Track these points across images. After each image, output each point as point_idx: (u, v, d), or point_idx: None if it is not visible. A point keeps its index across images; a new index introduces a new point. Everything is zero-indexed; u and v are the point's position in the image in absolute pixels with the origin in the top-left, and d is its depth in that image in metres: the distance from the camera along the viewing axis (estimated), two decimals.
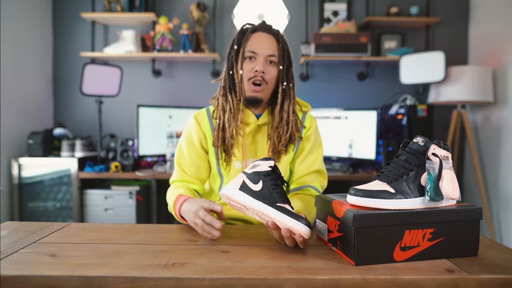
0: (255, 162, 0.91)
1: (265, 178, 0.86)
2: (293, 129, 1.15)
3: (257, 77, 1.09)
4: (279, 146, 1.14)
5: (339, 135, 2.68)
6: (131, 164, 2.60)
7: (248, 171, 0.89)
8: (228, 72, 1.15)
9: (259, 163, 0.89)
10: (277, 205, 0.81)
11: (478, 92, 2.50)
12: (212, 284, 0.66)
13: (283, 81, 1.13)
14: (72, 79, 2.99)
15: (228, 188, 0.87)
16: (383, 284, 0.66)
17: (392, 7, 2.86)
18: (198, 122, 1.19)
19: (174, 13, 2.99)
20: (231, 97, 1.14)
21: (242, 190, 0.85)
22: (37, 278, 0.66)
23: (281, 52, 1.12)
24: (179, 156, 1.19)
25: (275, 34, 1.13)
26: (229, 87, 1.15)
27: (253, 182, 0.86)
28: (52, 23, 3.00)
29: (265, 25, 1.14)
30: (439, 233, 0.75)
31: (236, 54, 1.13)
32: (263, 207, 0.82)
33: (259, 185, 0.85)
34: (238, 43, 1.13)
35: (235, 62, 1.13)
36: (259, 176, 0.86)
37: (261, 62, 1.10)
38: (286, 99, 1.15)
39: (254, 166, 0.89)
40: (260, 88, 1.11)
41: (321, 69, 3.05)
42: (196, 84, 3.04)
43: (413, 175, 0.76)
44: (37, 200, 2.57)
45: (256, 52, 1.10)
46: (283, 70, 1.13)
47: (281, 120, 1.14)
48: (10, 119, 2.53)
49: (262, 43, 1.10)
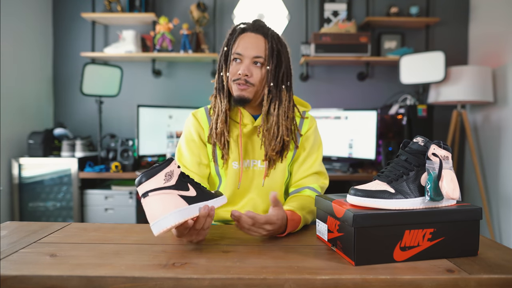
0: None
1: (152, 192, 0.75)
2: (285, 134, 1.11)
3: (240, 80, 1.08)
4: (270, 152, 1.11)
5: (339, 135, 2.68)
6: (131, 164, 2.60)
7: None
8: (219, 74, 1.14)
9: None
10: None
11: (478, 92, 2.50)
12: (212, 284, 0.66)
13: (269, 82, 1.09)
14: (72, 79, 3.00)
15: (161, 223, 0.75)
16: (383, 284, 0.66)
17: (392, 7, 2.86)
18: (197, 119, 1.19)
19: (174, 13, 2.99)
20: (219, 98, 1.14)
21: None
22: (37, 278, 0.66)
23: (269, 52, 1.09)
24: (180, 156, 1.19)
25: (264, 33, 1.10)
26: (219, 88, 1.14)
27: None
28: (52, 23, 3.00)
29: (255, 25, 1.12)
30: (439, 233, 0.75)
31: (225, 56, 1.13)
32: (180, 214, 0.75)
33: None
34: (227, 44, 1.12)
35: (224, 64, 1.13)
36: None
37: (246, 64, 1.08)
38: (274, 101, 1.11)
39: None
40: (245, 87, 1.08)
41: (321, 69, 3.05)
42: (196, 84, 3.04)
43: (413, 175, 0.76)
44: (37, 200, 2.57)
45: (242, 54, 1.08)
46: (270, 70, 1.09)
47: (267, 123, 1.11)
48: (10, 119, 2.53)
49: (248, 44, 1.08)
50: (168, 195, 0.75)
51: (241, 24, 1.14)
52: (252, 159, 1.17)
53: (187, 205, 0.76)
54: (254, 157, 1.17)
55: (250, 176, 1.16)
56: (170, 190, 0.75)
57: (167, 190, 0.74)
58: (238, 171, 1.15)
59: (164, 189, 0.74)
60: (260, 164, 1.16)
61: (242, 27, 1.12)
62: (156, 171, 0.74)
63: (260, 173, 1.16)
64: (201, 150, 1.17)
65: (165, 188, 0.74)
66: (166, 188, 0.74)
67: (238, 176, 1.15)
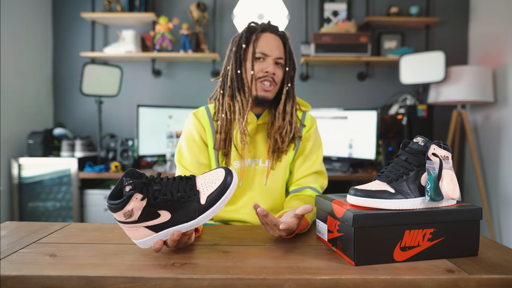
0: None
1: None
2: (296, 129, 1.16)
3: (267, 77, 1.10)
4: (283, 146, 1.15)
5: (339, 135, 2.68)
6: (131, 164, 2.60)
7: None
8: (235, 71, 1.12)
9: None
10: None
11: (478, 92, 2.50)
12: (212, 284, 0.65)
13: (287, 83, 1.14)
14: (72, 79, 2.99)
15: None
16: (383, 284, 0.66)
17: (392, 7, 2.86)
18: (198, 119, 1.19)
19: (174, 13, 2.99)
20: (240, 97, 1.12)
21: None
22: (37, 278, 0.66)
23: (288, 55, 1.14)
24: (180, 156, 1.18)
25: (281, 36, 1.14)
26: (238, 86, 1.12)
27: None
28: (52, 23, 3.00)
29: (272, 26, 1.15)
30: (439, 233, 0.75)
31: (244, 53, 1.12)
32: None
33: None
34: (246, 42, 1.12)
35: (243, 62, 1.12)
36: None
37: (271, 64, 1.10)
38: (289, 100, 1.15)
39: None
40: (271, 88, 1.11)
41: (321, 69, 3.05)
42: (196, 84, 3.04)
43: (413, 175, 0.76)
44: (37, 200, 2.57)
45: (267, 54, 1.10)
46: (289, 72, 1.14)
47: (283, 120, 1.14)
48: (10, 119, 2.53)
49: (272, 45, 1.11)
50: (133, 228, 0.74)
51: (253, 23, 1.15)
52: (253, 158, 1.17)
53: (154, 234, 0.75)
54: (255, 156, 1.17)
55: (252, 175, 1.16)
56: (134, 224, 0.73)
57: (131, 225, 0.73)
58: (239, 170, 1.15)
59: (128, 223, 0.73)
60: (261, 163, 1.16)
61: (262, 27, 1.13)
62: (116, 209, 0.70)
63: (261, 172, 1.16)
64: (201, 150, 1.17)
65: (128, 223, 0.73)
66: (129, 223, 0.73)
67: (240, 175, 1.15)
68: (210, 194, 0.76)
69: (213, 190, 0.76)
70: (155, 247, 0.74)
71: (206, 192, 0.76)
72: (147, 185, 0.72)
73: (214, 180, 0.77)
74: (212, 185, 0.77)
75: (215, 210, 0.76)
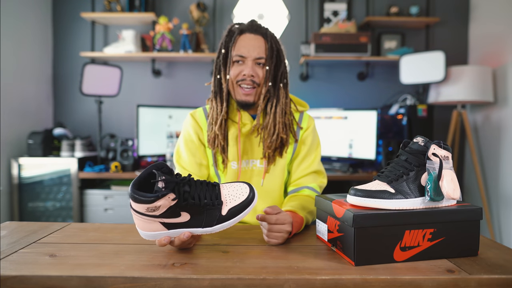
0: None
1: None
2: (281, 131, 1.12)
3: (246, 81, 1.08)
4: (266, 149, 1.12)
5: (339, 135, 2.68)
6: (131, 164, 2.60)
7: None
8: (215, 77, 1.13)
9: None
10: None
11: (478, 92, 2.50)
12: (212, 284, 0.65)
13: (267, 82, 1.10)
14: (72, 79, 2.99)
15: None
16: (383, 284, 0.66)
17: (392, 7, 2.86)
18: (195, 119, 1.19)
19: (174, 13, 2.99)
20: (215, 102, 1.13)
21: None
22: (37, 278, 0.66)
23: (269, 53, 1.09)
24: (178, 157, 1.18)
25: (263, 33, 1.10)
26: (215, 92, 1.13)
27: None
28: (52, 23, 3.00)
29: (252, 25, 1.11)
30: (439, 233, 0.75)
31: (224, 58, 1.11)
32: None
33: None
34: (225, 46, 1.11)
35: (223, 67, 1.11)
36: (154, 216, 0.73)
37: (250, 66, 1.08)
38: (271, 100, 1.11)
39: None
40: (250, 92, 1.09)
41: (321, 69, 3.05)
42: (196, 84, 3.04)
43: (413, 175, 0.76)
44: (37, 200, 2.57)
45: (244, 56, 1.08)
46: (270, 70, 1.10)
47: (264, 121, 1.13)
48: (10, 119, 2.53)
49: (250, 46, 1.08)
50: (148, 220, 0.74)
51: (236, 25, 1.13)
52: (251, 158, 1.16)
53: (165, 230, 0.75)
54: (253, 156, 1.16)
55: (249, 176, 1.16)
56: (152, 218, 0.73)
57: (149, 217, 0.73)
58: (236, 171, 1.15)
59: (146, 216, 0.73)
60: (259, 164, 1.16)
61: (240, 28, 1.11)
62: (143, 201, 0.70)
63: (259, 172, 1.16)
64: (200, 151, 1.17)
65: (146, 216, 0.73)
66: (148, 216, 0.73)
67: (237, 176, 1.15)
68: (232, 208, 0.77)
69: (236, 204, 0.77)
70: (161, 242, 0.74)
71: (229, 204, 0.77)
72: (178, 184, 0.72)
73: (238, 195, 0.79)
74: (236, 199, 0.78)
75: (232, 223, 0.78)
